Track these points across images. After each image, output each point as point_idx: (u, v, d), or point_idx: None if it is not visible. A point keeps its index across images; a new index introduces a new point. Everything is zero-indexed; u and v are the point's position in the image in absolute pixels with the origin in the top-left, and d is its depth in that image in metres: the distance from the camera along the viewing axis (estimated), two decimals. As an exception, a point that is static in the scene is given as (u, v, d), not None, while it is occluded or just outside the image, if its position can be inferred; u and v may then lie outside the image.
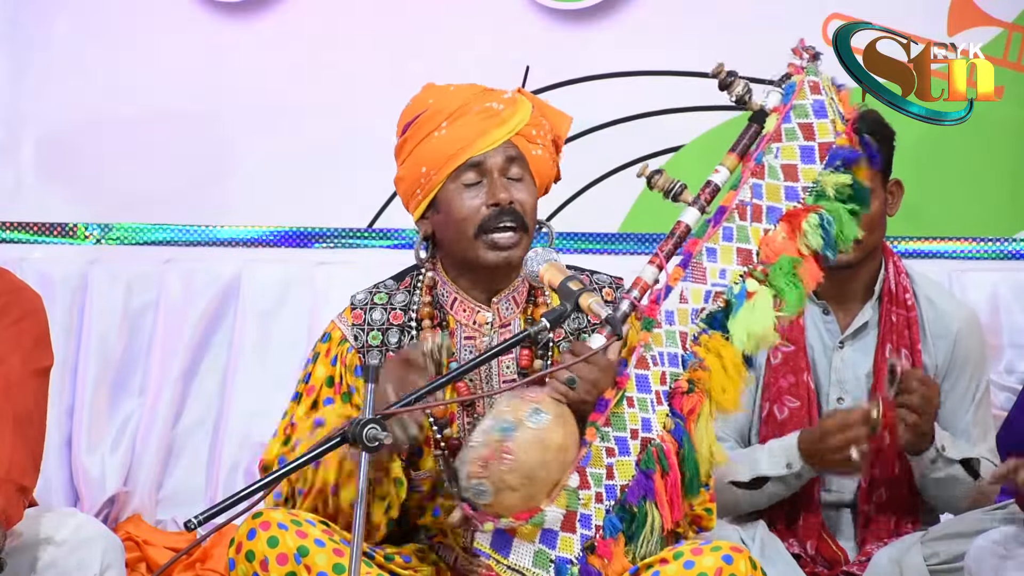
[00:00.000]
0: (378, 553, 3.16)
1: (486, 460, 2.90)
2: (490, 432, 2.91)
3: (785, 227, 3.05)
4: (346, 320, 3.28)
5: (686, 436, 2.97)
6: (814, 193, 3.07)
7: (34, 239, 5.15)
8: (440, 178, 3.20)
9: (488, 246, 3.18)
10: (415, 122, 3.24)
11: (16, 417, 3.43)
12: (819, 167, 3.08)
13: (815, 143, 3.09)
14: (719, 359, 3.00)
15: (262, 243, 5.15)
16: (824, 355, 3.98)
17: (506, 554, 2.93)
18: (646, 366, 2.99)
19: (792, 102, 3.09)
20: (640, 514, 2.94)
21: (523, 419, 2.91)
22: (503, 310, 3.26)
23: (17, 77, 5.17)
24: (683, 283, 3.03)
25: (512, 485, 2.90)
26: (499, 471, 2.89)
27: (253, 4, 5.15)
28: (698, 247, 3.04)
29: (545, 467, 2.91)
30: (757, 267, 3.04)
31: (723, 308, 3.02)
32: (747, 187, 3.06)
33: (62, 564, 3.41)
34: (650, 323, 3.00)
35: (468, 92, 3.25)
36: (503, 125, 3.20)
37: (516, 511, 2.91)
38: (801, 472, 3.80)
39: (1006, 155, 4.97)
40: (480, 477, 2.90)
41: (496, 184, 3.18)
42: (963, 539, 3.69)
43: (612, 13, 5.06)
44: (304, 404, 3.23)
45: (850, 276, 3.96)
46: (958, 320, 3.98)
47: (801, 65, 3.13)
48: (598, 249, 5.05)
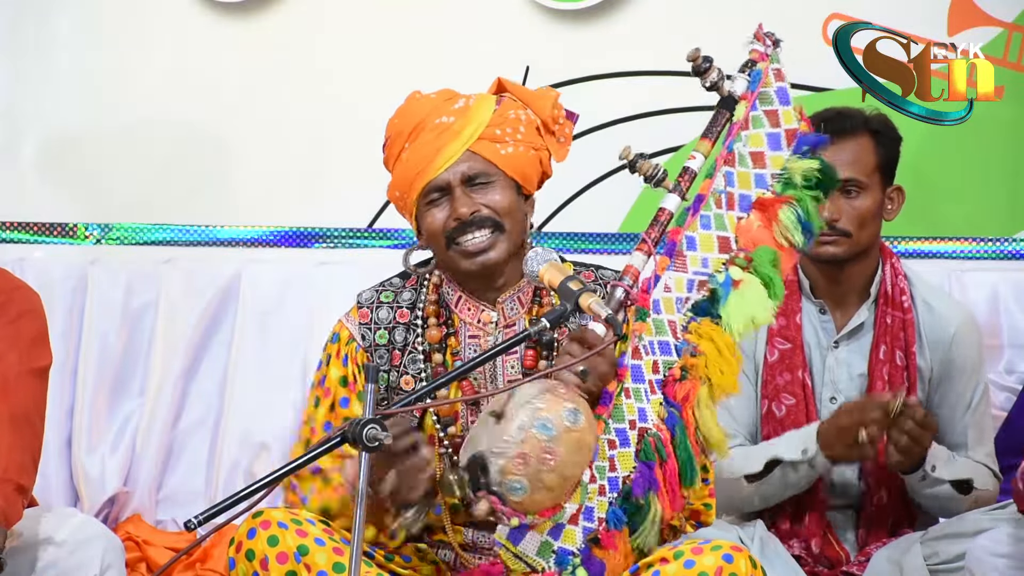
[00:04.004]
0: (378, 553, 3.16)
1: (527, 459, 2.89)
2: (529, 429, 2.90)
3: (759, 215, 3.07)
4: (353, 319, 3.28)
5: (680, 424, 2.97)
6: (782, 180, 3.08)
7: (34, 239, 5.15)
8: (412, 199, 3.21)
9: (461, 255, 3.19)
10: (388, 142, 3.26)
11: (13, 416, 3.43)
12: (786, 153, 3.09)
13: (781, 130, 3.10)
14: (712, 343, 3.00)
15: (262, 243, 5.15)
16: (819, 354, 3.98)
17: (516, 542, 2.94)
18: (639, 356, 3.00)
19: (759, 89, 3.10)
20: (646, 506, 2.94)
21: (563, 420, 2.91)
22: (508, 310, 3.26)
23: (18, 78, 5.17)
24: (668, 272, 3.04)
25: (549, 485, 2.90)
26: (538, 471, 2.89)
27: (253, 4, 5.14)
28: (680, 236, 3.05)
29: (578, 468, 2.92)
30: (738, 254, 3.04)
31: (708, 296, 3.03)
32: (720, 175, 3.08)
33: (62, 564, 3.41)
34: (644, 313, 3.01)
35: (426, 106, 3.23)
36: (456, 138, 3.19)
37: (544, 509, 2.92)
38: (814, 460, 3.79)
39: (1006, 155, 4.97)
40: (517, 474, 2.90)
41: (458, 199, 3.18)
42: (963, 539, 3.69)
43: (612, 13, 5.05)
44: (323, 407, 3.25)
45: (846, 275, 3.96)
46: (954, 324, 3.97)
47: (765, 52, 3.14)
48: (598, 249, 5.05)
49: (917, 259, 4.87)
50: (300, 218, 5.14)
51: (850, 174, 3.88)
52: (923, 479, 3.83)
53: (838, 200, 3.87)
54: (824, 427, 3.79)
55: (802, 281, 3.99)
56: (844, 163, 3.84)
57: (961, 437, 3.95)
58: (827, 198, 3.11)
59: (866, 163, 3.90)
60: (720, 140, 3.11)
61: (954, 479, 3.85)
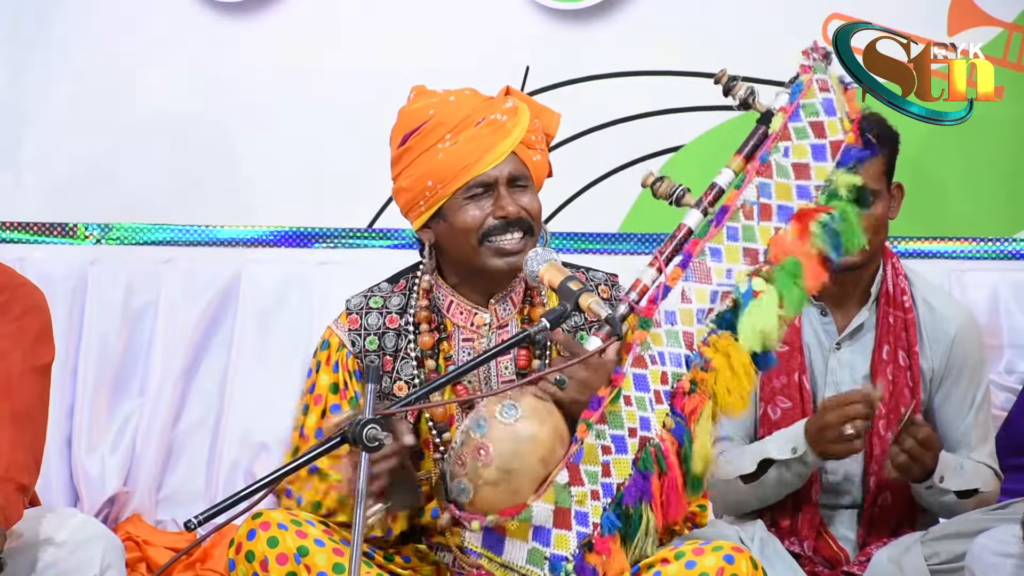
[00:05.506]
0: (378, 553, 3.16)
1: (464, 458, 2.92)
2: (467, 431, 2.95)
3: (796, 226, 3.05)
4: (342, 326, 3.28)
5: (687, 435, 2.97)
6: (827, 192, 3.07)
7: (34, 239, 5.15)
8: (447, 192, 3.19)
9: (493, 253, 3.19)
10: (416, 133, 3.22)
11: (15, 414, 3.43)
12: (831, 165, 3.08)
13: (826, 141, 3.09)
14: (727, 359, 3.00)
15: (262, 243, 5.15)
16: (821, 356, 3.98)
17: (499, 552, 2.94)
18: (644, 365, 2.99)
19: (800, 100, 3.08)
20: (636, 516, 2.94)
21: (495, 414, 2.94)
22: (500, 311, 3.26)
23: (17, 77, 5.17)
24: (684, 283, 3.03)
25: (490, 480, 2.92)
26: (476, 467, 2.92)
27: (253, 4, 5.14)
28: (699, 247, 3.04)
29: (519, 458, 2.93)
30: (763, 267, 3.04)
31: (732, 308, 3.02)
32: (752, 186, 3.05)
33: (62, 564, 3.40)
34: (647, 322, 3.00)
35: (470, 103, 3.23)
36: (508, 137, 3.20)
37: (500, 507, 2.92)
38: (806, 457, 3.79)
39: (1006, 155, 4.97)
40: (460, 476, 2.92)
41: (504, 197, 3.19)
42: (963, 539, 3.69)
43: (612, 13, 5.05)
44: (313, 414, 3.24)
45: (852, 277, 3.95)
46: (956, 323, 3.97)
47: (809, 64, 3.13)
48: (598, 249, 5.05)
49: (917, 259, 4.87)
50: (300, 218, 5.14)
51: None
52: (929, 488, 3.83)
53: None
54: (810, 425, 3.79)
55: (803, 283, 3.99)
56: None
57: (964, 437, 3.95)
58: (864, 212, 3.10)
59: (876, 171, 3.89)
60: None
61: (961, 490, 3.85)
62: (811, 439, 3.78)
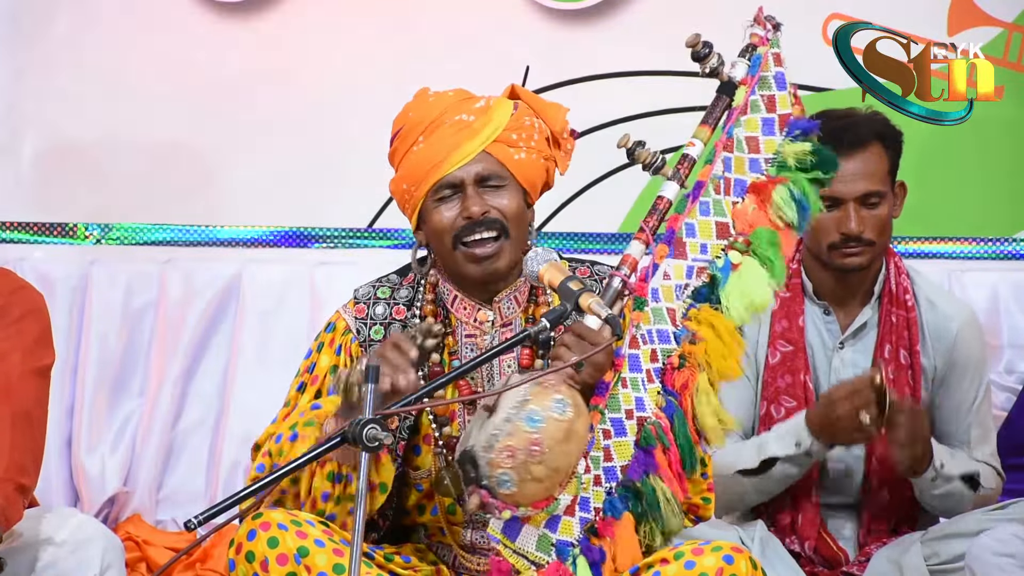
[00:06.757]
0: (378, 553, 3.16)
1: (513, 451, 2.88)
2: (516, 421, 2.89)
3: (753, 199, 3.06)
4: (350, 312, 3.28)
5: (678, 412, 2.96)
6: (775, 164, 3.08)
7: (34, 239, 5.15)
8: (420, 194, 3.19)
9: (468, 259, 3.18)
10: (398, 135, 3.23)
11: (15, 415, 3.43)
12: (779, 138, 3.09)
13: (775, 115, 3.10)
14: (712, 329, 3.00)
15: (262, 243, 5.15)
16: (824, 355, 3.98)
17: (513, 538, 2.94)
18: (636, 345, 2.99)
19: (759, 74, 3.10)
20: (646, 489, 2.94)
21: (550, 410, 2.90)
22: (504, 309, 3.26)
23: (17, 77, 5.17)
24: (667, 260, 3.04)
25: (538, 477, 2.89)
26: (526, 463, 2.88)
27: (253, 4, 5.15)
28: (679, 223, 3.04)
29: (569, 458, 2.91)
30: (737, 239, 3.04)
31: (708, 283, 3.03)
32: (720, 161, 3.07)
33: (62, 564, 3.40)
34: (642, 303, 3.00)
35: (445, 102, 3.22)
36: (475, 137, 3.18)
37: (537, 500, 2.91)
38: (811, 449, 3.79)
39: (1006, 155, 4.97)
40: (505, 467, 2.89)
41: (470, 198, 3.16)
42: (963, 539, 3.69)
43: (612, 13, 5.06)
44: (308, 393, 3.24)
45: (857, 277, 3.96)
46: (958, 322, 3.97)
47: (766, 36, 3.14)
48: (598, 249, 5.05)
49: (918, 259, 4.88)
50: (300, 218, 5.14)
51: (870, 187, 3.87)
52: (934, 479, 3.83)
53: (861, 212, 3.86)
54: (817, 416, 3.79)
55: (805, 283, 3.99)
56: (862, 176, 3.85)
57: (964, 435, 3.95)
58: (829, 182, 3.10)
59: (882, 172, 3.89)
60: (720, 126, 3.11)
61: (963, 473, 3.85)
62: (816, 429, 3.78)
